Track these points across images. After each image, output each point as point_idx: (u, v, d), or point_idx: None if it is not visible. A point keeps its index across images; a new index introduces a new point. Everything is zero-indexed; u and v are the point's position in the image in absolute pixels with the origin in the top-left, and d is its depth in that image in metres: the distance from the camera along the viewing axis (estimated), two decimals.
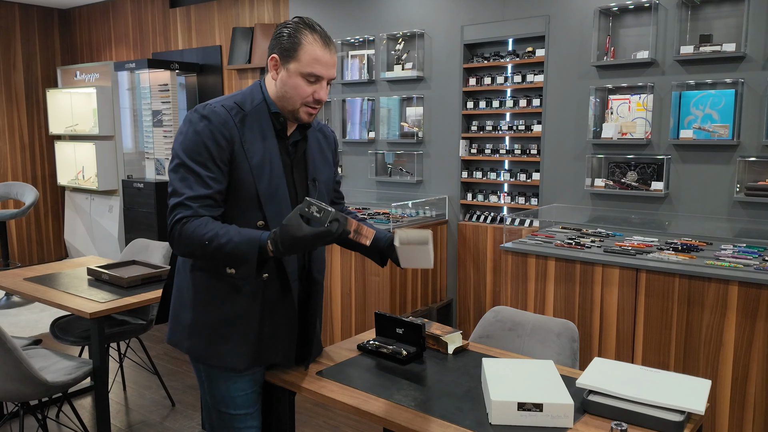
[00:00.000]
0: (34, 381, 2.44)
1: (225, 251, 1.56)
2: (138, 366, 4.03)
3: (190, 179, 1.61)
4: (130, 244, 3.75)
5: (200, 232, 1.57)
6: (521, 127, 4.02)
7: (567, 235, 3.49)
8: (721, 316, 2.70)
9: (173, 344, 1.79)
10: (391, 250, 1.78)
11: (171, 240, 1.62)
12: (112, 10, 6.86)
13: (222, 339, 1.71)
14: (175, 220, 1.60)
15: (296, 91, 1.67)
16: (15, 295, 3.06)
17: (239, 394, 1.76)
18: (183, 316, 1.76)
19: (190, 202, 1.59)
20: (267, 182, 1.67)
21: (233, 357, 1.71)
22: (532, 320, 2.20)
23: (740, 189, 3.22)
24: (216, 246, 1.56)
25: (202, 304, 1.72)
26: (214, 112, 1.64)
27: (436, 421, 1.52)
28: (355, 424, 3.27)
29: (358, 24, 4.69)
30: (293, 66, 1.66)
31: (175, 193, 1.62)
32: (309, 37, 1.67)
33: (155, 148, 5.96)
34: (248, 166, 1.65)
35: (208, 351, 1.72)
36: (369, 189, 4.78)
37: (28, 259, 7.10)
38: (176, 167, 1.63)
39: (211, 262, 1.67)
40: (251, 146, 1.66)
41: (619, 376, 1.64)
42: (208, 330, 1.72)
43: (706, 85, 3.30)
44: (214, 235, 1.56)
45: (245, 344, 1.72)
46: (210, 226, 1.58)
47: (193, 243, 1.58)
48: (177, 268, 1.82)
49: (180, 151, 1.63)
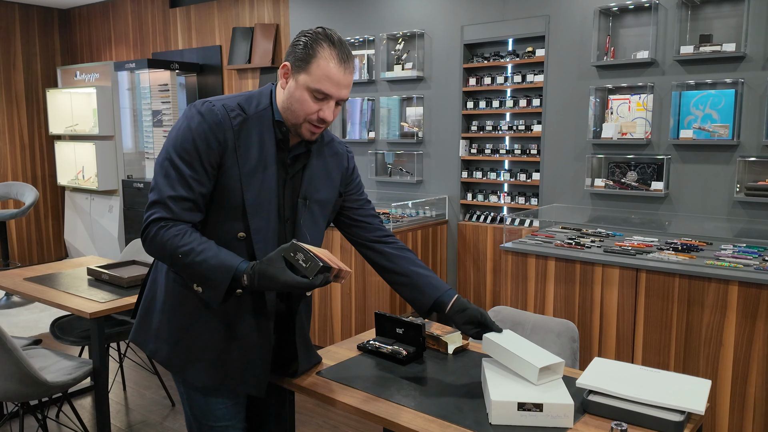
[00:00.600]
0: (34, 381, 2.44)
1: (197, 270, 1.50)
2: (138, 366, 4.03)
3: (173, 177, 1.52)
4: (130, 244, 3.75)
5: (176, 243, 1.49)
6: (521, 127, 4.02)
7: (567, 235, 3.49)
8: (721, 316, 2.70)
9: (137, 344, 1.70)
10: (458, 318, 1.71)
11: (143, 238, 1.54)
12: (112, 10, 6.86)
13: (185, 351, 1.62)
14: (152, 219, 1.52)
15: (301, 105, 1.56)
16: (15, 295, 3.05)
17: (219, 407, 1.67)
18: (151, 317, 1.67)
19: (170, 203, 1.52)
20: (256, 193, 1.57)
21: (194, 373, 1.62)
22: (532, 320, 2.20)
23: (740, 189, 3.22)
24: (189, 262, 1.49)
25: (171, 310, 1.63)
26: (212, 111, 1.55)
27: (436, 421, 1.52)
28: (355, 424, 3.27)
29: (358, 24, 4.69)
30: (303, 78, 1.54)
31: (156, 188, 1.54)
32: (326, 51, 1.53)
33: (155, 148, 5.96)
34: (238, 173, 1.55)
35: (170, 359, 1.64)
36: (369, 189, 4.78)
37: (28, 259, 7.10)
38: (163, 161, 1.56)
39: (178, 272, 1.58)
40: (245, 152, 1.56)
41: (619, 376, 1.64)
42: (173, 338, 1.63)
43: (706, 85, 3.30)
44: (190, 250, 1.49)
45: (208, 364, 1.62)
46: (188, 239, 1.50)
47: (166, 251, 1.51)
48: (155, 264, 1.73)
49: (170, 146, 1.55)
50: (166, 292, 1.64)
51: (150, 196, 1.55)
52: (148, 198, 1.56)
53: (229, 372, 1.63)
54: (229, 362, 1.63)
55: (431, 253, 4.25)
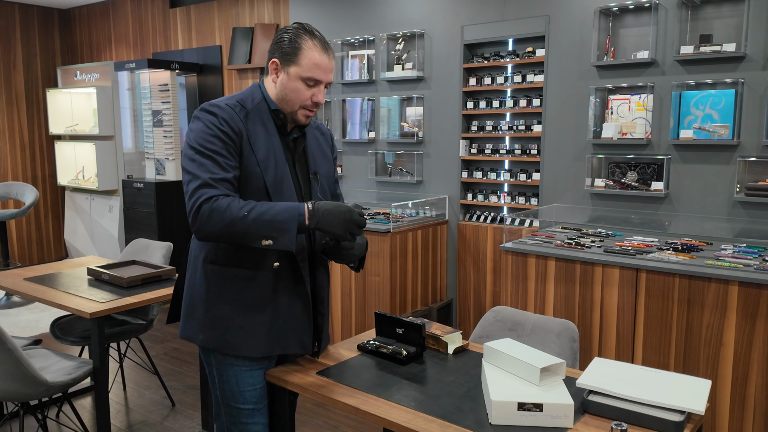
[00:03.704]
0: (34, 381, 2.44)
1: (265, 219, 1.60)
2: (138, 366, 4.03)
3: (207, 164, 1.65)
4: (130, 244, 3.75)
5: (237, 206, 1.61)
6: (521, 127, 4.02)
7: (567, 235, 3.49)
8: (721, 316, 2.70)
9: (186, 338, 1.83)
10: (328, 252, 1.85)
11: (199, 221, 1.61)
12: (112, 10, 6.86)
13: (237, 329, 1.75)
14: (204, 199, 1.61)
15: (296, 94, 1.74)
16: (15, 295, 3.05)
17: (248, 389, 1.79)
18: (197, 310, 1.79)
19: (213, 182, 1.63)
20: (273, 174, 1.73)
21: (249, 346, 1.76)
22: (532, 320, 2.20)
23: (740, 189, 3.22)
24: (256, 216, 1.60)
25: (216, 296, 1.76)
26: (220, 108, 1.71)
27: (436, 421, 1.52)
28: (355, 424, 3.27)
29: (358, 24, 4.69)
30: (293, 70, 1.73)
31: (194, 177, 1.64)
32: (309, 43, 1.73)
33: (155, 148, 5.96)
34: (255, 158, 1.71)
35: (222, 342, 1.76)
36: (369, 189, 4.78)
37: (28, 259, 7.10)
38: (191, 158, 1.67)
39: (241, 238, 1.62)
40: (256, 140, 1.73)
41: (619, 376, 1.64)
42: (223, 321, 1.76)
43: (706, 85, 3.30)
44: (252, 207, 1.61)
45: (260, 333, 1.76)
46: (244, 201, 1.63)
47: (229, 216, 1.59)
48: (189, 265, 1.85)
49: (194, 144, 1.68)
50: (207, 281, 1.77)
51: (190, 186, 1.65)
52: (187, 189, 1.65)
53: (281, 338, 1.79)
54: (277, 330, 1.78)
55: (431, 253, 4.25)
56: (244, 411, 1.80)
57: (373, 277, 3.93)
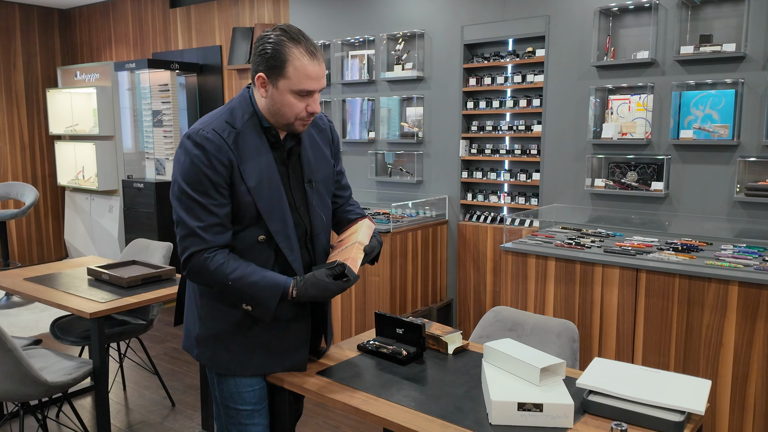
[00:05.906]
0: (34, 381, 2.44)
1: (247, 292, 1.62)
2: (138, 366, 4.03)
3: (195, 209, 1.61)
4: (130, 244, 3.75)
5: (224, 271, 1.61)
6: (521, 127, 4.02)
7: (567, 235, 3.49)
8: (721, 316, 2.70)
9: (186, 350, 1.84)
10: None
11: (188, 272, 1.65)
12: (112, 10, 6.86)
13: (226, 349, 1.75)
14: (190, 253, 1.62)
15: (290, 108, 1.64)
16: (15, 295, 3.05)
17: (247, 390, 1.78)
18: (192, 326, 1.81)
19: (201, 233, 1.61)
20: (267, 199, 1.67)
21: (242, 368, 1.76)
22: (532, 320, 2.20)
23: (740, 189, 3.22)
24: (240, 286, 1.61)
25: (207, 316, 1.76)
26: (208, 140, 1.60)
27: (436, 421, 1.52)
28: (355, 424, 3.27)
29: (358, 24, 4.69)
30: (282, 84, 1.61)
31: (182, 223, 1.63)
32: (295, 51, 1.58)
33: (155, 148, 5.96)
34: (246, 188, 1.64)
35: (213, 360, 1.77)
36: (369, 189, 4.78)
37: (28, 259, 7.10)
38: (179, 196, 1.63)
39: (227, 296, 1.69)
40: (247, 167, 1.64)
41: (619, 376, 1.64)
42: (216, 340, 1.75)
43: (706, 85, 3.30)
44: (240, 275, 1.61)
45: (254, 353, 1.75)
46: (233, 265, 1.62)
47: (215, 279, 1.63)
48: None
49: (181, 181, 1.63)
50: (200, 298, 1.76)
51: (178, 232, 1.65)
52: (177, 234, 1.65)
53: (275, 356, 1.77)
54: (273, 348, 1.76)
55: (431, 253, 4.25)
56: (243, 412, 1.79)
57: (373, 277, 3.93)
